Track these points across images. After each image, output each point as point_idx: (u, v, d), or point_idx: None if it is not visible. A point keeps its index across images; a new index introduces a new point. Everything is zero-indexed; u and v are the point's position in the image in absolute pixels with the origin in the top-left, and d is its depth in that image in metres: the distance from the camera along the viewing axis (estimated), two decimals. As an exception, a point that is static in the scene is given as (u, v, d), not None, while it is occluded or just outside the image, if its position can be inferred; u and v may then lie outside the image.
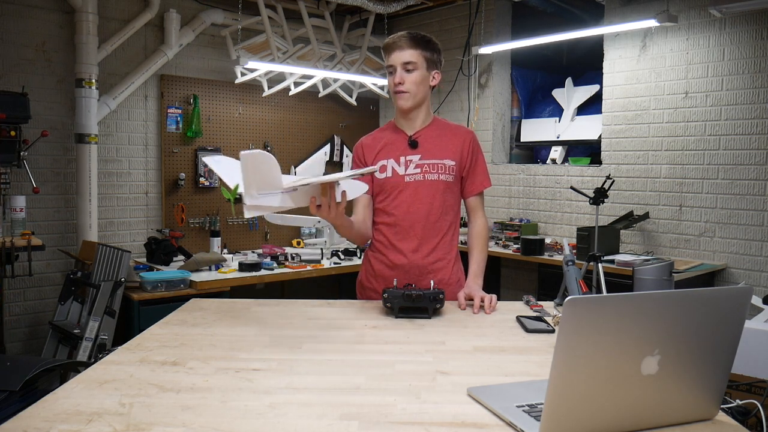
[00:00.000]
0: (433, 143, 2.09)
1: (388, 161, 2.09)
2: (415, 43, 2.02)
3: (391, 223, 2.09)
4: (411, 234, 2.07)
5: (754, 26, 3.61)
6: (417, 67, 2.02)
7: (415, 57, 2.01)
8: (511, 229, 4.65)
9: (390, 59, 2.04)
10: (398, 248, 2.08)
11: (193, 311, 1.83)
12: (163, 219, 4.42)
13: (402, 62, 2.01)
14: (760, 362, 2.03)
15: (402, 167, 2.07)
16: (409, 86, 2.02)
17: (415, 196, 2.06)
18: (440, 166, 2.07)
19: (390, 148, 2.10)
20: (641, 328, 0.97)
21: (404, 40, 2.01)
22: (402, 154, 2.08)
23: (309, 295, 4.71)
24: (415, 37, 2.03)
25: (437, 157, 2.07)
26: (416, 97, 2.05)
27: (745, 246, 3.69)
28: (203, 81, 4.57)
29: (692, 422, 1.08)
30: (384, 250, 2.11)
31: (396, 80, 2.02)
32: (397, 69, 2.02)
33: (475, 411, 1.12)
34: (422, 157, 2.07)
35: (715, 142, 3.79)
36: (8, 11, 3.79)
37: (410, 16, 5.35)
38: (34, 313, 3.96)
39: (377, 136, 2.16)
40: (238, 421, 1.06)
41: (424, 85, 2.05)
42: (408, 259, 2.07)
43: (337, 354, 1.45)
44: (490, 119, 4.99)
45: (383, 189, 2.10)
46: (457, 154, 2.09)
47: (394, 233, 2.09)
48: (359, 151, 2.16)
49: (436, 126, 2.13)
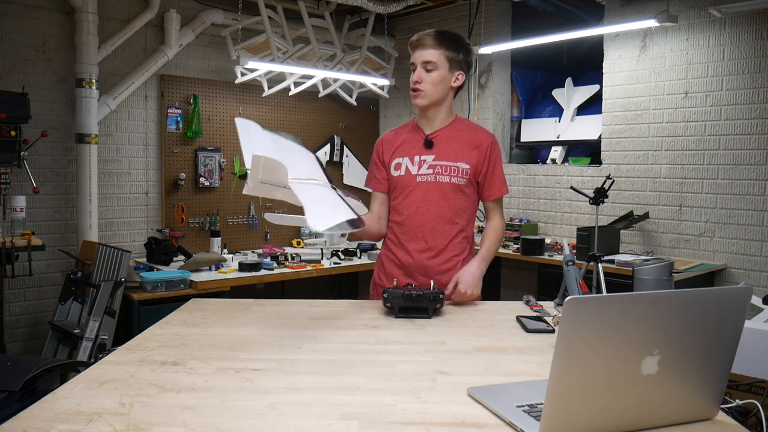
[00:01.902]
0: (449, 144, 2.07)
1: (402, 159, 2.08)
2: (439, 42, 1.99)
3: (401, 222, 2.09)
4: (419, 234, 2.06)
5: (754, 26, 3.61)
6: (437, 67, 2.00)
7: (436, 57, 1.99)
8: (511, 229, 4.65)
9: (413, 57, 2.03)
10: (406, 248, 2.08)
11: (193, 311, 1.83)
12: (163, 219, 4.43)
13: (422, 61, 2.00)
14: (760, 362, 2.03)
15: (415, 167, 2.06)
16: (426, 86, 2.01)
17: (425, 196, 2.05)
18: (453, 169, 2.05)
19: (407, 147, 2.09)
20: (641, 328, 0.97)
21: (429, 39, 1.99)
22: (417, 153, 2.07)
23: (309, 295, 4.71)
24: (442, 35, 2.00)
25: (451, 159, 2.05)
26: (432, 97, 2.03)
27: (745, 246, 3.69)
28: (203, 81, 4.57)
29: (692, 422, 1.08)
30: (394, 248, 2.12)
31: (414, 78, 2.01)
32: (417, 67, 2.01)
33: (475, 411, 1.12)
34: (436, 158, 2.06)
35: (715, 142, 3.79)
36: (8, 11, 3.79)
37: (410, 16, 5.35)
38: (34, 313, 3.96)
39: (398, 132, 2.15)
40: (238, 421, 1.06)
41: (443, 86, 2.03)
42: (414, 260, 2.07)
43: (337, 354, 1.45)
44: (490, 119, 4.99)
45: (396, 187, 2.10)
46: (473, 158, 2.06)
47: (403, 232, 2.09)
48: (379, 147, 2.16)
49: (456, 127, 2.11)
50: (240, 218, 4.77)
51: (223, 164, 4.66)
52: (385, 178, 2.12)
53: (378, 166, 2.15)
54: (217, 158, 4.61)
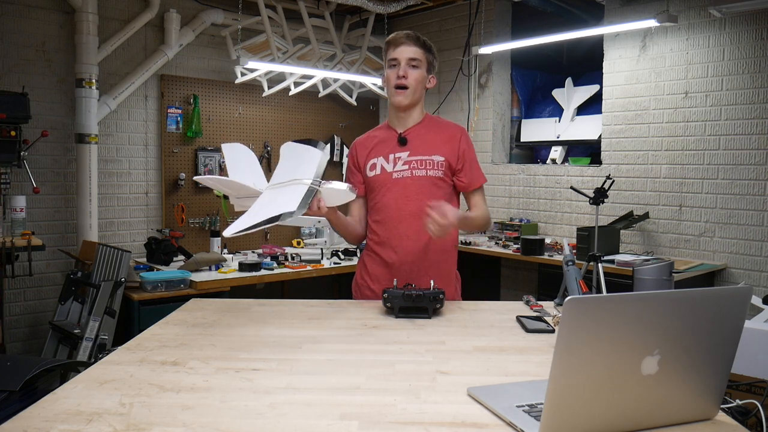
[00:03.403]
0: (422, 140, 2.09)
1: (377, 159, 2.09)
2: (421, 43, 2.04)
3: (380, 221, 2.09)
4: (401, 231, 2.06)
5: (754, 26, 3.61)
6: (420, 65, 2.03)
7: (420, 55, 2.03)
8: (511, 229, 4.65)
9: (394, 53, 2.03)
10: (390, 245, 2.07)
11: (193, 311, 1.83)
12: (163, 219, 4.43)
13: (407, 57, 2.01)
14: (760, 362, 2.04)
15: (390, 164, 2.07)
16: (411, 82, 2.02)
17: (403, 192, 2.05)
18: (428, 162, 2.06)
19: (380, 147, 2.11)
20: (641, 328, 0.97)
21: (411, 38, 2.03)
22: (391, 151, 2.08)
23: (309, 295, 4.71)
24: (420, 37, 2.05)
25: (425, 154, 2.07)
26: (414, 95, 2.05)
27: (745, 246, 3.69)
28: (203, 81, 4.57)
29: (692, 422, 1.08)
30: (376, 248, 2.11)
31: (400, 73, 2.01)
32: (402, 63, 2.02)
33: (475, 411, 1.12)
34: (410, 154, 2.07)
35: (715, 142, 3.79)
36: (8, 11, 3.79)
37: (410, 16, 5.35)
38: (34, 313, 3.96)
39: (370, 136, 2.17)
40: (238, 421, 1.06)
41: (422, 85, 2.07)
42: (399, 256, 2.06)
43: (337, 354, 1.45)
44: (490, 119, 4.99)
45: (373, 187, 2.10)
46: (446, 150, 2.08)
47: (384, 230, 2.08)
48: (353, 151, 2.18)
49: (427, 123, 2.13)
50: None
51: (223, 164, 4.65)
52: (361, 181, 2.13)
53: (353, 171, 2.16)
54: (217, 158, 4.61)
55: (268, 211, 1.70)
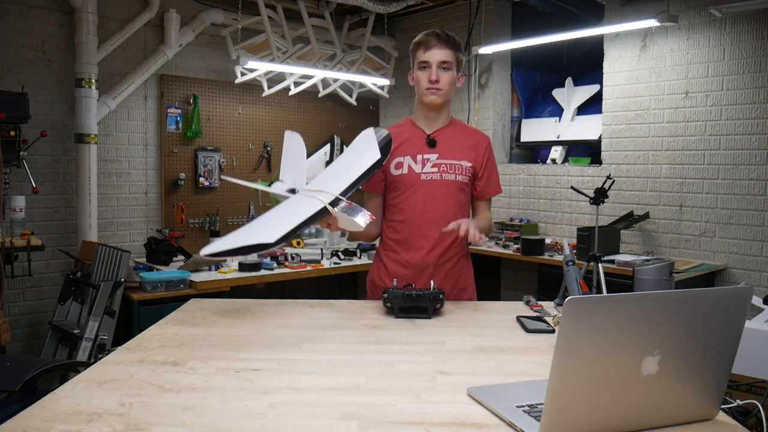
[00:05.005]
0: (451, 143, 2.10)
1: (404, 158, 2.08)
2: (452, 44, 2.03)
3: (406, 221, 2.08)
4: (427, 232, 2.06)
5: (754, 26, 3.61)
6: (451, 67, 2.03)
7: (451, 57, 2.02)
8: (511, 229, 4.65)
9: (426, 55, 2.01)
10: (414, 246, 2.07)
11: (193, 311, 1.83)
12: (162, 219, 4.42)
13: (439, 60, 2.01)
14: (760, 362, 2.04)
15: (419, 165, 2.07)
16: (444, 85, 2.02)
17: (431, 194, 2.05)
18: (457, 167, 2.07)
19: (408, 146, 2.09)
20: (641, 328, 0.97)
21: (442, 39, 2.01)
22: (419, 152, 2.08)
23: (309, 295, 4.71)
24: (451, 37, 2.03)
25: (455, 158, 2.08)
26: (447, 96, 2.06)
27: (745, 246, 3.69)
28: (203, 81, 4.57)
29: (692, 422, 1.07)
30: (397, 248, 2.10)
31: (432, 77, 2.01)
32: (433, 66, 2.01)
33: (475, 411, 1.11)
34: (440, 157, 2.07)
35: (715, 142, 3.79)
36: (8, 11, 3.79)
37: (410, 16, 5.35)
38: (33, 313, 3.96)
39: (395, 132, 2.12)
40: (238, 421, 1.06)
41: (453, 86, 2.07)
42: (422, 258, 2.06)
43: (337, 354, 1.45)
44: (490, 119, 4.99)
45: (397, 186, 2.09)
46: (473, 157, 2.11)
47: (408, 231, 2.08)
48: None
49: (455, 127, 2.15)
50: (240, 218, 4.77)
51: (223, 164, 4.66)
52: (381, 179, 2.12)
53: None
54: (217, 158, 4.61)
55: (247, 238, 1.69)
